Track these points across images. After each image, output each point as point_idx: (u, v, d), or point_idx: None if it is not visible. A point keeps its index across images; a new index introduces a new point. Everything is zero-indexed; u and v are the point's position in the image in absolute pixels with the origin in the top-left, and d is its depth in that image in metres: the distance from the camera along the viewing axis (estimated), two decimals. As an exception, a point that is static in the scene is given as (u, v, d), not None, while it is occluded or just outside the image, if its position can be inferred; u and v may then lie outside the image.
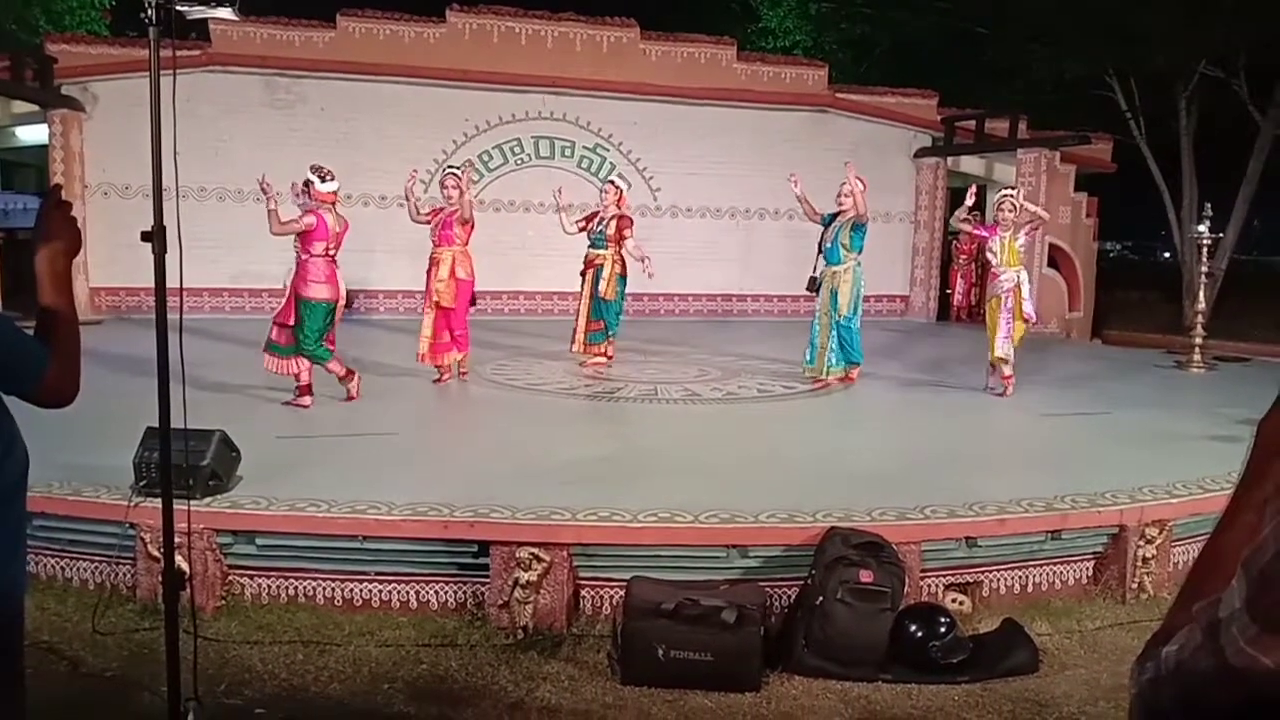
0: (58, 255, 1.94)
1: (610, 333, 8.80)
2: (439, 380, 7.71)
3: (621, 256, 8.70)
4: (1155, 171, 14.98)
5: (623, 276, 8.74)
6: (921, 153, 14.20)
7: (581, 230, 8.75)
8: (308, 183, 6.48)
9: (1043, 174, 12.62)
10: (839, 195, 7.89)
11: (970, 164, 14.23)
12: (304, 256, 6.42)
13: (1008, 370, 7.77)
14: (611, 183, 8.88)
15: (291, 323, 6.45)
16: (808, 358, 8.16)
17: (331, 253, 6.48)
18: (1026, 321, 7.84)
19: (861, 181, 7.81)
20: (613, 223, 8.64)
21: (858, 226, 7.83)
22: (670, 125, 13.27)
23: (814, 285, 8.04)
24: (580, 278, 8.83)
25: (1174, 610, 0.96)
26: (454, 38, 12.57)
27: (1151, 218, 18.14)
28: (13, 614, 1.89)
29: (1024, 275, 7.82)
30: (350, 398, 6.78)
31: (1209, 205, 10.19)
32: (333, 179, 6.52)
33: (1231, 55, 13.60)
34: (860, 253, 7.96)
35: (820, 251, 8.01)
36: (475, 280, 7.75)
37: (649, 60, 13.21)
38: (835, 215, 7.95)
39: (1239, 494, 0.97)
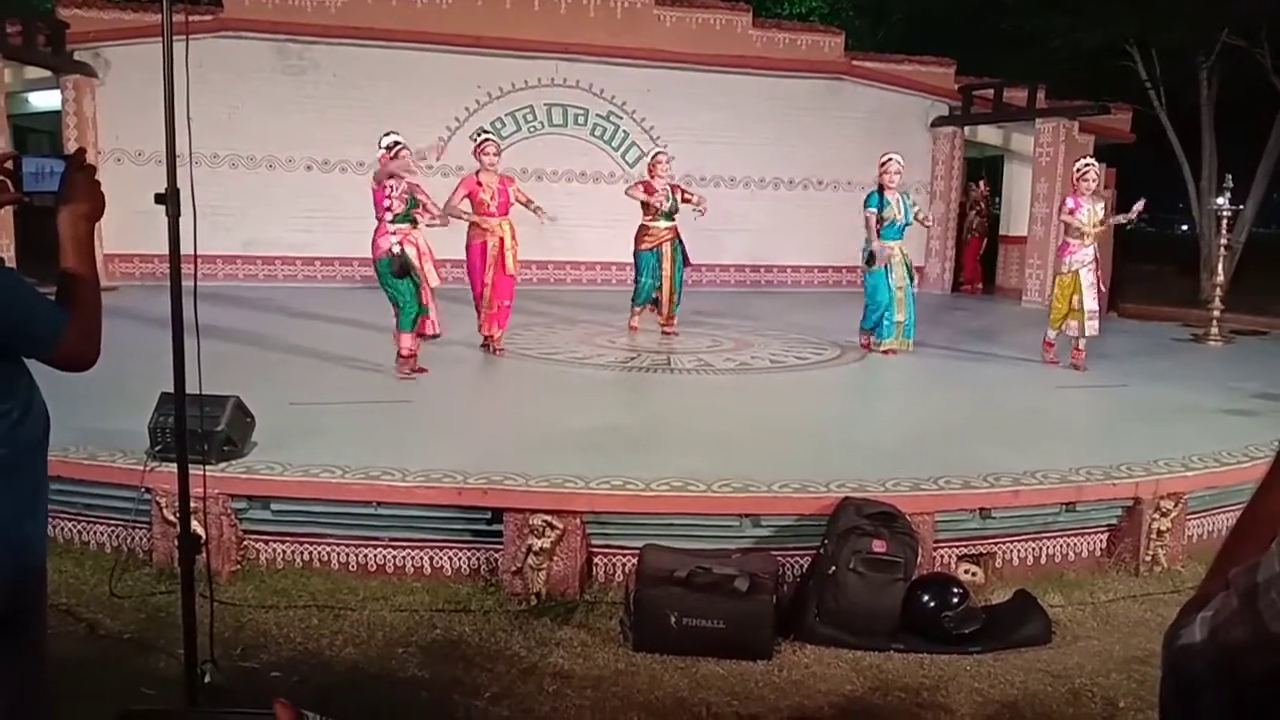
0: (79, 219, 1.92)
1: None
2: (491, 349, 7.59)
3: None
4: (1175, 143, 14.75)
5: None
6: (938, 122, 14.04)
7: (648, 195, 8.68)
8: (402, 150, 6.45)
9: (1061, 144, 12.45)
10: (889, 172, 7.90)
11: (988, 134, 14.07)
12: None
13: (1083, 343, 7.63)
14: (663, 153, 9.11)
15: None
16: (885, 332, 8.01)
17: None
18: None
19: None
20: (677, 193, 8.80)
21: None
22: (684, 93, 13.12)
23: (872, 260, 7.93)
24: (653, 253, 8.77)
25: (1210, 576, 0.93)
26: (467, 3, 12.42)
27: (1170, 190, 17.90)
28: (30, 571, 1.89)
29: (1095, 249, 7.63)
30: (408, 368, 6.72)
31: (1229, 177, 10.04)
32: None
33: (1255, 24, 13.34)
34: None
35: (879, 227, 7.86)
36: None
37: (663, 26, 13.05)
38: (882, 192, 7.90)
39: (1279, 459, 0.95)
